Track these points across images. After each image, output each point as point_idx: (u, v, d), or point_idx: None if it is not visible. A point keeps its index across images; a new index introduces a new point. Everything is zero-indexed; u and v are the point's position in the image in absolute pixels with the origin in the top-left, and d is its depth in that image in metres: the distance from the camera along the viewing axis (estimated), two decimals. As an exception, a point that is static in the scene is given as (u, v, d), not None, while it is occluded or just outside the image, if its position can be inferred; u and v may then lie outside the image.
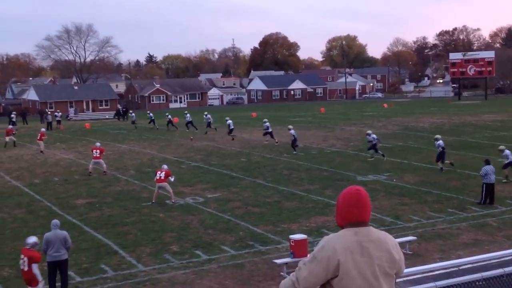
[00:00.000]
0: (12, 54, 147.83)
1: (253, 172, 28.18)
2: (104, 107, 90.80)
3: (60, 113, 69.68)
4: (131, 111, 55.40)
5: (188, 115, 51.11)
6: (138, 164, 31.86)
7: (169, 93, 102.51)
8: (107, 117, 76.35)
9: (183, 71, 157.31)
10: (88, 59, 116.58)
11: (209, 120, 47.83)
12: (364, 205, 3.98)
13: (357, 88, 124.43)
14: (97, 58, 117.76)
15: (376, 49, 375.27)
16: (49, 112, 65.50)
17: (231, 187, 24.53)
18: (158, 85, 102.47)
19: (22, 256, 11.68)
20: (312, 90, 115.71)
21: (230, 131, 41.57)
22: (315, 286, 3.89)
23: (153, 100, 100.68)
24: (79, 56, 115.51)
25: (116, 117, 73.23)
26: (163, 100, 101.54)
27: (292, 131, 34.47)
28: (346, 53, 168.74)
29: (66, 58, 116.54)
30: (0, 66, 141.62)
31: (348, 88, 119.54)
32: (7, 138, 42.05)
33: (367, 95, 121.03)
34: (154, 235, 17.57)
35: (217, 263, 14.88)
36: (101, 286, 13.46)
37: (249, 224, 18.48)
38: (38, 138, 38.64)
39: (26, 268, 11.53)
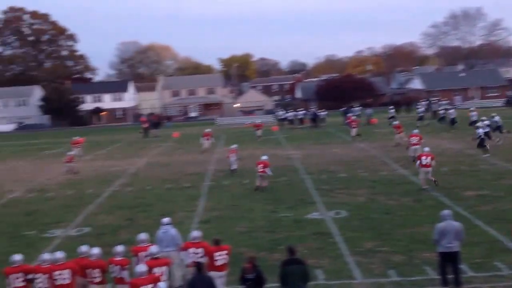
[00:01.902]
0: (398, 44, 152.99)
1: None
2: (492, 94, 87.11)
3: (447, 101, 69.45)
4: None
5: (452, 111, 48.31)
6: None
7: None
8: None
9: None
10: (475, 44, 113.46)
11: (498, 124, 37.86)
12: None
13: None
14: (485, 42, 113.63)
15: None
16: (433, 101, 65.63)
17: None
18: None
19: None
20: None
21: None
22: None
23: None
24: (466, 42, 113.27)
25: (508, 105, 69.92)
26: None
27: (481, 130, 31.09)
28: None
29: (452, 45, 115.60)
30: (386, 56, 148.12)
31: None
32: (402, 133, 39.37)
33: None
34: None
35: None
36: (495, 284, 12.68)
37: None
38: (395, 128, 37.58)
39: None
